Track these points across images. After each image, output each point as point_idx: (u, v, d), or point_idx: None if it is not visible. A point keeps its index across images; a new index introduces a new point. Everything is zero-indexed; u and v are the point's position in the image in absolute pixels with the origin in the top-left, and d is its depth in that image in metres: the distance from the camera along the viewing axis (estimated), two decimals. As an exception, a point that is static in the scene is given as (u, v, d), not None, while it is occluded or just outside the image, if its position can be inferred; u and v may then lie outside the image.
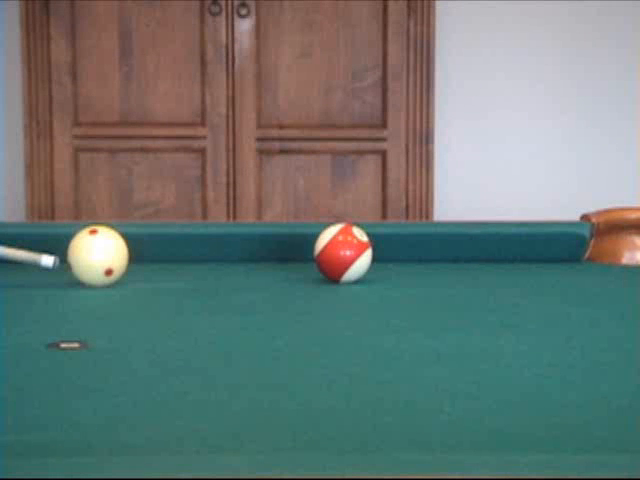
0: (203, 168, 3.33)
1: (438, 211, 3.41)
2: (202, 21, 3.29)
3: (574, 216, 2.18)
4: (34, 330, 1.39)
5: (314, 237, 1.86)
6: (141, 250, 1.99)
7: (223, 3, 3.28)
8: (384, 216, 3.34)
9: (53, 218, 3.27)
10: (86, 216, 3.29)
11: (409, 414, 0.95)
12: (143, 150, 3.32)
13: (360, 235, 1.85)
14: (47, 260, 1.76)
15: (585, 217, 2.13)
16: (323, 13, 3.31)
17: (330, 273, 1.82)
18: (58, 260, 1.77)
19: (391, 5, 3.30)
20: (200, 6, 3.29)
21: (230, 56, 3.30)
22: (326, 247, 1.82)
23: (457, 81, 3.63)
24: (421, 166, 3.34)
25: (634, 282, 1.90)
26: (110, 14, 3.28)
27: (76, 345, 1.27)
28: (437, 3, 3.35)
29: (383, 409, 0.97)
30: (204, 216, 3.32)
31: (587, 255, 2.10)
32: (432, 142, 3.34)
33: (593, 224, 2.10)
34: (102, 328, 1.42)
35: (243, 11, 3.27)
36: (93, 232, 1.79)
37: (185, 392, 1.04)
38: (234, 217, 3.32)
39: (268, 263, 2.04)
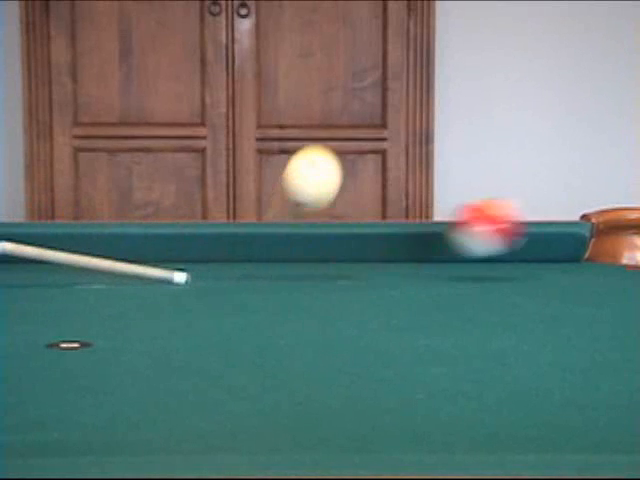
0: (203, 168, 3.33)
1: (438, 211, 3.41)
2: (202, 21, 3.29)
3: (574, 216, 2.18)
4: (34, 330, 1.39)
5: (314, 237, 1.86)
6: (141, 250, 1.99)
7: (223, 3, 3.28)
8: (384, 216, 3.34)
9: (53, 218, 3.27)
10: (86, 216, 3.30)
11: (409, 414, 0.95)
12: (143, 150, 3.32)
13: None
14: (179, 277, 1.79)
15: (585, 217, 2.13)
16: (323, 13, 3.30)
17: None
18: (190, 277, 1.79)
19: (391, 5, 3.30)
20: (200, 6, 3.29)
21: (230, 56, 3.30)
22: None
23: (457, 81, 3.63)
24: (421, 166, 3.34)
25: (634, 282, 1.90)
26: (110, 14, 3.28)
27: (76, 345, 1.27)
28: (437, 3, 3.35)
29: (383, 409, 0.97)
30: (204, 216, 3.32)
31: (587, 255, 2.10)
32: (432, 142, 3.35)
33: (593, 224, 2.10)
34: (102, 328, 1.42)
35: (243, 11, 3.27)
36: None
37: (185, 392, 1.04)
38: (234, 217, 3.32)
39: (268, 263, 2.04)
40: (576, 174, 3.69)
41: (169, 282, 1.78)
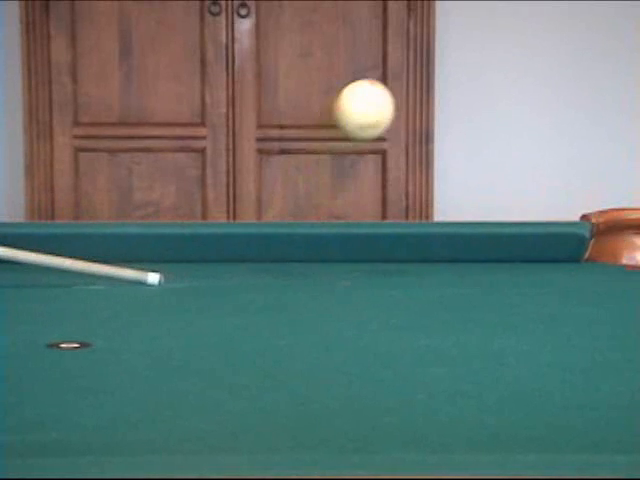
0: (203, 168, 3.33)
1: (438, 211, 3.41)
2: (202, 21, 3.29)
3: (574, 216, 2.18)
4: (34, 330, 1.39)
5: (314, 237, 1.86)
6: (141, 250, 1.99)
7: (223, 3, 3.28)
8: (384, 216, 3.34)
9: (53, 218, 3.27)
10: (86, 216, 3.29)
11: (409, 414, 0.95)
12: (143, 150, 3.32)
13: None
14: (153, 278, 1.78)
15: (585, 217, 2.13)
16: (323, 13, 3.30)
17: None
18: (163, 278, 1.78)
19: (391, 5, 3.30)
20: (200, 6, 3.28)
21: (230, 56, 3.30)
22: None
23: (457, 81, 3.63)
24: (421, 166, 3.34)
25: (634, 282, 1.90)
26: (110, 14, 3.28)
27: (76, 345, 1.27)
28: (437, 3, 3.35)
29: (383, 409, 0.97)
30: (204, 216, 3.32)
31: (587, 255, 2.10)
32: (432, 142, 3.34)
33: (593, 224, 2.10)
34: (102, 328, 1.42)
35: (243, 11, 3.27)
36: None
37: (185, 392, 1.04)
38: (234, 217, 3.32)
39: (268, 263, 2.04)
40: (577, 174, 3.68)
41: (142, 283, 1.77)
